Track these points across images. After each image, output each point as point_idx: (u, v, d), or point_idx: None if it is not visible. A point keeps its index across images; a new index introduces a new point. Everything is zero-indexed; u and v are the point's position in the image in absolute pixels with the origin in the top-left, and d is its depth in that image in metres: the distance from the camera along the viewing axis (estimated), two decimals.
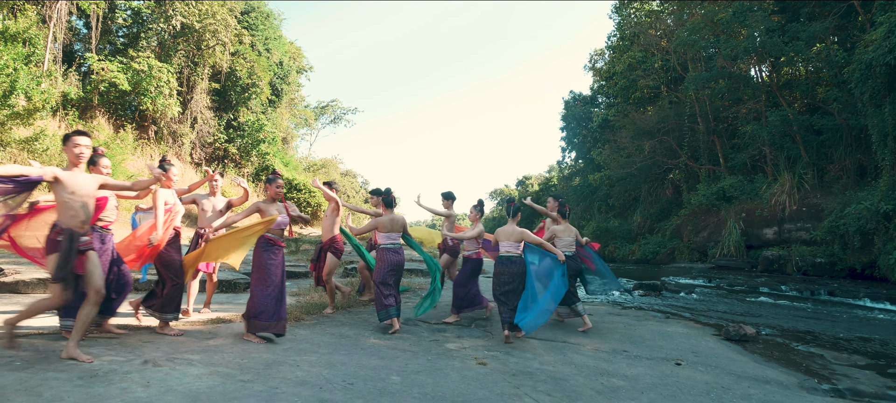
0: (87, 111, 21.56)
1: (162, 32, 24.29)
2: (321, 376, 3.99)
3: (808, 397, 4.53)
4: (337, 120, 52.70)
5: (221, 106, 28.43)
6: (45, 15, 20.31)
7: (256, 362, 4.22)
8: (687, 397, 4.24)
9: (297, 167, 34.02)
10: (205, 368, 3.92)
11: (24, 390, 3.13)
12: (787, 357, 6.10)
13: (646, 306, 10.12)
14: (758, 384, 4.78)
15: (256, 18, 30.94)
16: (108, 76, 21.14)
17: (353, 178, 52.43)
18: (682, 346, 6.11)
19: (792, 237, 19.94)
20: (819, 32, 20.07)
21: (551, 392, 4.07)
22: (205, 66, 26.09)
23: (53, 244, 3.88)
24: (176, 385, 3.46)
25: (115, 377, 3.51)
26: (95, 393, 3.17)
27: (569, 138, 46.33)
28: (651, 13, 34.08)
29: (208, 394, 3.33)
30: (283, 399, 3.35)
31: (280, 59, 33.02)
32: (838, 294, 12.86)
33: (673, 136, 29.83)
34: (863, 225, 15.65)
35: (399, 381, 4.05)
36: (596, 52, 42.55)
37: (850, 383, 5.08)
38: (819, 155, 21.09)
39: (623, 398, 4.10)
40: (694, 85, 25.40)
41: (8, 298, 6.36)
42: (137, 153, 22.42)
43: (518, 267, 6.02)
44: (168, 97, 22.71)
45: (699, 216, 25.01)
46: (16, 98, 14.02)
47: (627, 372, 4.84)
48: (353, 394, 3.61)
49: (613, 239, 32.00)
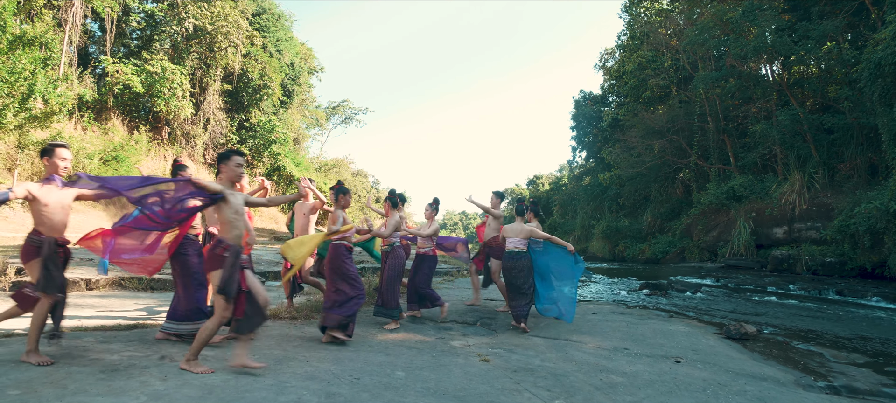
0: (102, 113, 21.97)
1: (175, 35, 24.67)
2: (329, 371, 4.17)
3: (803, 394, 4.64)
4: (348, 120, 53.10)
5: (233, 107, 28.80)
6: (61, 18, 20.73)
7: (268, 358, 4.40)
8: (683, 393, 4.36)
9: (308, 167, 34.36)
10: (218, 364, 4.10)
11: (50, 383, 3.33)
12: (787, 355, 6.21)
13: (650, 305, 10.22)
14: (754, 381, 4.90)
15: (268, 20, 31.29)
16: (123, 78, 21.53)
17: (364, 178, 52.72)
18: (683, 344, 6.23)
19: (802, 236, 19.91)
20: (829, 31, 20.00)
21: (550, 388, 4.21)
22: (217, 68, 26.45)
23: (219, 259, 3.93)
24: (192, 379, 3.65)
25: (134, 371, 3.71)
26: (116, 386, 3.36)
27: (579, 137, 46.33)
28: (661, 12, 34.04)
29: (222, 387, 3.52)
30: (292, 392, 3.53)
31: (291, 60, 33.35)
32: (847, 293, 12.86)
33: (683, 136, 29.79)
34: (873, 224, 15.61)
35: (403, 376, 4.22)
36: (606, 51, 42.55)
37: (846, 380, 5.19)
38: (830, 154, 21.01)
39: (621, 393, 4.23)
40: (704, 84, 25.39)
41: None
42: (151, 154, 22.79)
43: (525, 261, 6.60)
44: (181, 99, 23.07)
45: (709, 215, 24.99)
46: (34, 101, 14.37)
47: (626, 369, 4.98)
48: (359, 388, 3.78)
49: (623, 239, 32.04)
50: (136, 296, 7.54)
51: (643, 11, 35.68)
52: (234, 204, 4.08)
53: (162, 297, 7.57)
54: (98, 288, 7.63)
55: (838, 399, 4.63)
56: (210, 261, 3.98)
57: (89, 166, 17.96)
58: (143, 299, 7.35)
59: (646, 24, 34.44)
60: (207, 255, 4.03)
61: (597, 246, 34.47)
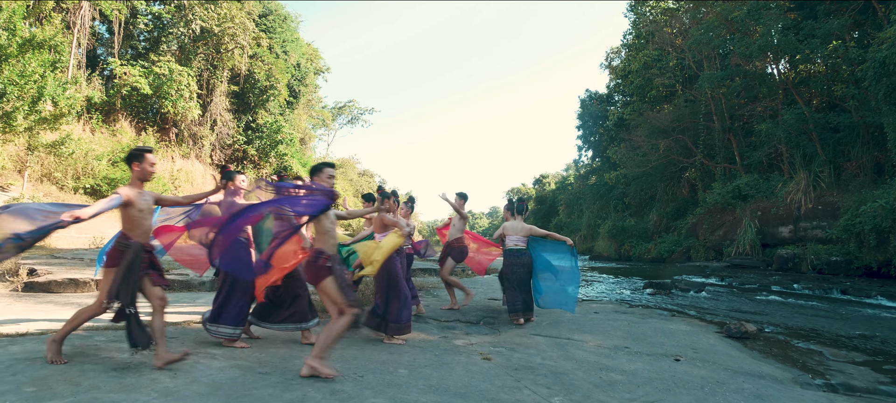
0: (111, 114, 22.19)
1: (182, 36, 24.87)
2: (334, 369, 4.27)
3: (800, 391, 4.71)
4: (354, 120, 53.32)
5: (240, 108, 28.99)
6: (70, 21, 20.95)
7: (274, 357, 4.51)
8: (681, 391, 4.44)
9: None
10: (226, 362, 4.22)
11: (64, 380, 3.45)
12: (786, 353, 6.27)
13: (653, 304, 10.29)
14: (752, 379, 4.97)
15: (274, 21, 31.46)
16: (131, 80, 21.73)
17: (371, 178, 52.89)
18: (683, 343, 6.30)
19: (808, 235, 19.88)
20: (835, 29, 19.95)
21: (550, 386, 4.30)
22: (224, 69, 26.65)
23: (327, 270, 4.04)
24: (200, 376, 3.77)
25: (145, 369, 3.83)
26: (128, 383, 3.48)
27: (585, 136, 46.34)
28: (666, 11, 34.01)
29: (230, 384, 3.63)
30: (298, 390, 3.63)
31: (297, 60, 33.52)
32: (851, 292, 12.87)
33: (688, 135, 29.79)
34: (878, 223, 15.58)
35: (406, 374, 4.32)
36: (612, 50, 42.53)
37: (843, 378, 5.25)
38: (836, 152, 20.96)
39: (619, 391, 4.32)
40: (709, 83, 25.37)
41: (42, 297, 6.75)
42: (159, 155, 22.97)
43: (526, 257, 6.91)
44: (188, 100, 23.27)
45: (715, 214, 24.98)
46: (43, 104, 14.55)
47: (626, 367, 5.06)
48: (363, 386, 3.88)
49: (629, 238, 32.04)
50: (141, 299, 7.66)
51: (649, 10, 35.67)
52: (330, 215, 4.26)
53: (170, 297, 7.67)
54: None
55: (835, 396, 4.69)
56: (315, 273, 4.05)
57: (98, 167, 18.16)
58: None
59: (651, 23, 34.42)
60: (310, 267, 4.10)
61: (602, 246, 34.48)
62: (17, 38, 13.71)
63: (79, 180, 17.77)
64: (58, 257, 9.84)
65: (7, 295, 6.80)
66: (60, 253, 10.30)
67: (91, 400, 3.12)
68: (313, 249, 4.17)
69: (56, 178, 17.29)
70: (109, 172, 18.38)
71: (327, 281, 4.01)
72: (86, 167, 17.98)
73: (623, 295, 12.05)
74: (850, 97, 20.08)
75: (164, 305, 4.07)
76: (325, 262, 4.04)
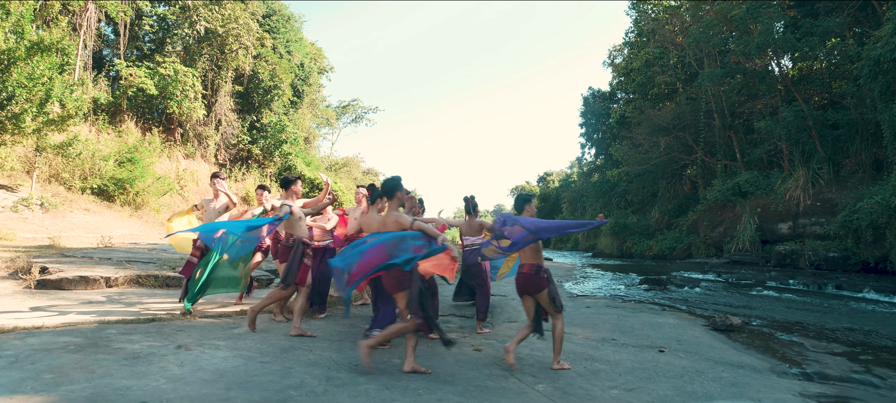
0: (116, 115, 22.49)
1: (187, 37, 25.17)
2: (330, 359, 4.53)
3: (776, 380, 4.94)
4: (358, 119, 53.57)
5: (244, 108, 29.29)
6: (76, 23, 21.27)
7: (275, 347, 4.78)
8: (661, 379, 4.68)
9: (319, 166, 34.80)
10: (230, 352, 4.48)
11: (79, 368, 3.72)
12: (768, 345, 6.50)
13: (645, 299, 10.52)
14: (731, 368, 5.21)
15: (278, 21, 31.73)
16: (136, 81, 22.03)
17: (375, 177, 53.14)
18: (669, 335, 6.54)
19: (806, 232, 20.06)
20: (834, 27, 20.09)
21: (535, 374, 4.55)
22: (228, 70, 26.94)
23: (408, 278, 4.35)
24: (205, 364, 4.03)
25: (154, 358, 4.10)
26: (139, 371, 3.75)
27: (588, 134, 46.52)
28: (668, 9, 34.12)
29: (233, 372, 3.90)
30: (296, 376, 3.90)
31: (301, 60, 33.78)
32: (846, 287, 13.05)
33: (689, 132, 29.96)
34: (875, 219, 15.76)
35: (399, 364, 4.57)
36: (614, 48, 42.70)
37: (819, 367, 5.48)
38: (835, 149, 21.13)
39: (602, 379, 4.56)
40: (709, 81, 25.53)
41: (54, 294, 7.03)
42: (164, 156, 23.29)
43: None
44: (193, 100, 23.55)
45: (715, 211, 25.17)
46: (51, 106, 14.83)
47: (611, 358, 5.30)
48: (357, 373, 4.14)
49: (631, 235, 32.24)
50: (152, 293, 7.94)
51: (650, 8, 35.78)
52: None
53: (177, 294, 7.94)
54: (117, 286, 8.03)
55: (808, 384, 4.93)
56: (398, 283, 4.35)
57: (105, 168, 18.45)
58: (158, 295, 7.74)
59: (653, 21, 34.55)
60: (394, 276, 4.37)
61: (605, 243, 34.70)
62: (25, 41, 13.98)
63: (86, 180, 18.06)
64: (68, 256, 10.13)
65: (21, 292, 7.08)
66: (70, 252, 10.59)
67: (105, 386, 3.39)
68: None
69: (64, 179, 17.59)
70: (116, 172, 18.67)
71: (403, 294, 4.36)
72: (93, 167, 18.26)
73: (618, 290, 12.27)
74: (849, 94, 20.23)
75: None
76: (408, 275, 4.35)
